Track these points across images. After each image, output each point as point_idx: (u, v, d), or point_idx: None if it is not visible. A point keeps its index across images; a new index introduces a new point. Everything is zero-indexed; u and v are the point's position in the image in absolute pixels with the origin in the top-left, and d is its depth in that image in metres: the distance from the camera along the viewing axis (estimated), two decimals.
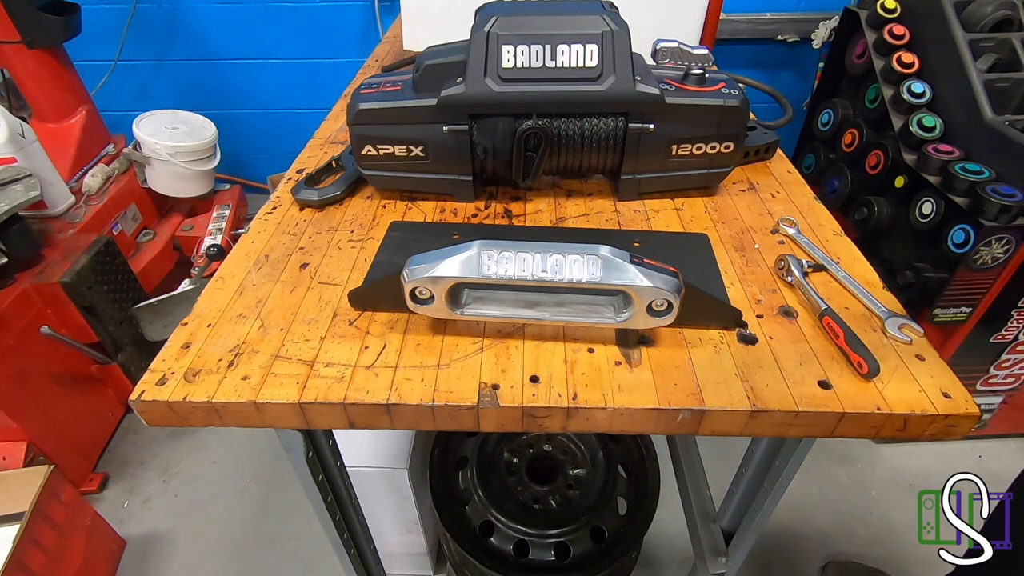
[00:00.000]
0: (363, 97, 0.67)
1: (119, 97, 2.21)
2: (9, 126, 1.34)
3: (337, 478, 0.69)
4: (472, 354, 0.50)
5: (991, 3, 1.30)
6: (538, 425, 0.47)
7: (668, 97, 0.64)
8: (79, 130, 1.69)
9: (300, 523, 1.43)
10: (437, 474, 0.97)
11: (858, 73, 1.56)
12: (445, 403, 0.46)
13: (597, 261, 0.45)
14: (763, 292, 0.57)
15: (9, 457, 1.28)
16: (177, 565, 1.36)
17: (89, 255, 1.37)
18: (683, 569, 1.32)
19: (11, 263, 1.28)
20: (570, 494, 0.95)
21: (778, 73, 2.17)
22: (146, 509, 1.47)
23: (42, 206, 1.46)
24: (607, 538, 0.89)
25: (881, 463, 1.56)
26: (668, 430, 0.48)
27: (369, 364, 0.49)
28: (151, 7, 2.04)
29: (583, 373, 0.49)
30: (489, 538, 0.89)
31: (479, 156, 0.67)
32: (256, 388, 0.47)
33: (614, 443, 1.00)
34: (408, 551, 1.23)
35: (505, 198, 0.74)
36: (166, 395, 0.47)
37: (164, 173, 1.73)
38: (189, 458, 1.59)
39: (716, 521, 0.87)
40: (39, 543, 1.09)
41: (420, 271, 0.46)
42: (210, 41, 2.13)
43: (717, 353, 0.50)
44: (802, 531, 1.40)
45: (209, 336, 0.52)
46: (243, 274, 0.60)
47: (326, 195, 0.72)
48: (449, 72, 0.65)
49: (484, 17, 0.63)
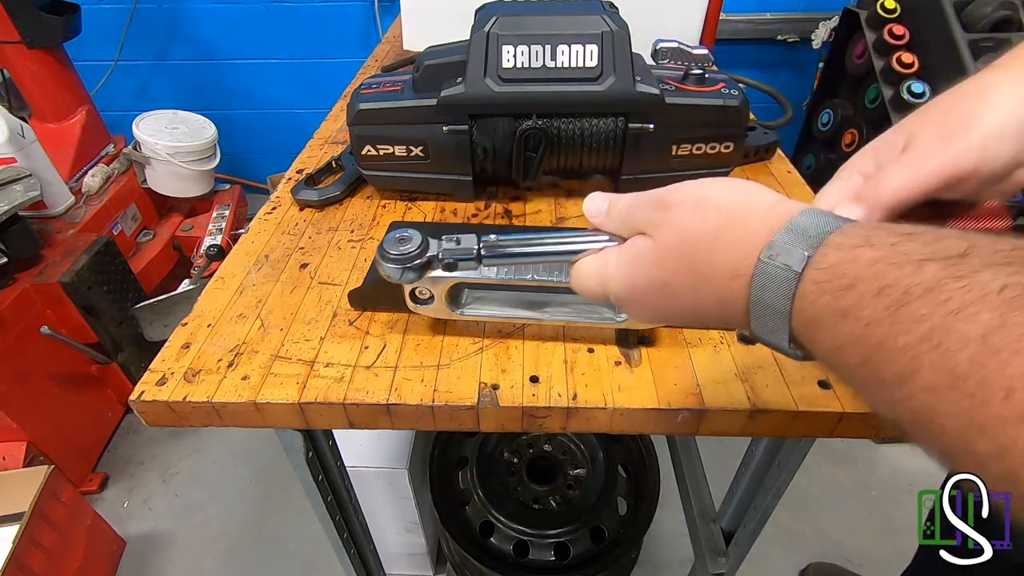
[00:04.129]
0: (363, 97, 0.67)
1: (119, 97, 2.21)
2: (9, 126, 1.34)
3: (337, 478, 0.69)
4: (472, 354, 0.50)
5: (991, 3, 1.30)
6: (538, 425, 0.47)
7: (668, 97, 0.64)
8: (79, 130, 1.69)
9: (300, 523, 1.43)
10: (437, 474, 0.97)
11: (858, 73, 1.56)
12: (445, 403, 0.46)
13: None
14: None
15: (9, 457, 1.28)
16: (177, 565, 1.36)
17: (89, 255, 1.37)
18: (683, 569, 1.32)
19: (11, 263, 1.28)
20: (570, 494, 0.95)
21: (778, 73, 2.17)
22: (146, 509, 1.47)
23: (42, 206, 1.46)
24: (607, 538, 0.89)
25: (881, 463, 1.56)
26: (668, 430, 0.48)
27: (369, 364, 0.49)
28: (151, 7, 2.04)
29: (583, 373, 0.49)
30: (489, 538, 0.89)
31: (479, 156, 0.67)
32: (256, 388, 0.47)
33: (614, 443, 1.00)
34: (408, 551, 1.23)
35: (505, 198, 0.74)
36: (166, 395, 0.47)
37: (164, 173, 1.73)
38: (189, 458, 1.59)
39: (716, 521, 0.87)
40: (39, 543, 1.09)
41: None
42: (210, 41, 2.13)
43: (717, 353, 0.50)
44: (802, 531, 1.40)
45: (209, 336, 0.52)
46: (243, 274, 0.60)
47: (326, 195, 0.72)
48: (449, 72, 0.65)
49: (484, 17, 0.63)
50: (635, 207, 0.33)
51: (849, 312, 0.23)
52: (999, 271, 0.19)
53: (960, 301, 0.19)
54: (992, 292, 0.19)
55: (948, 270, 0.20)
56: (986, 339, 0.18)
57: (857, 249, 0.24)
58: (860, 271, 0.23)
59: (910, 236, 0.23)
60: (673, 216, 0.30)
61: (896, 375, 0.21)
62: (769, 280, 0.26)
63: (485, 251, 0.34)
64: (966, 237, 0.22)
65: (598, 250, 0.33)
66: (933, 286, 0.20)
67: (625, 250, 0.33)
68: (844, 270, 0.24)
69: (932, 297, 0.20)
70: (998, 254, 0.20)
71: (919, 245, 0.22)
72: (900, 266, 0.22)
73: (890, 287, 0.22)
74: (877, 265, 0.23)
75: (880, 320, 0.22)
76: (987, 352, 0.18)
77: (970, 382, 0.18)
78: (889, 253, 0.23)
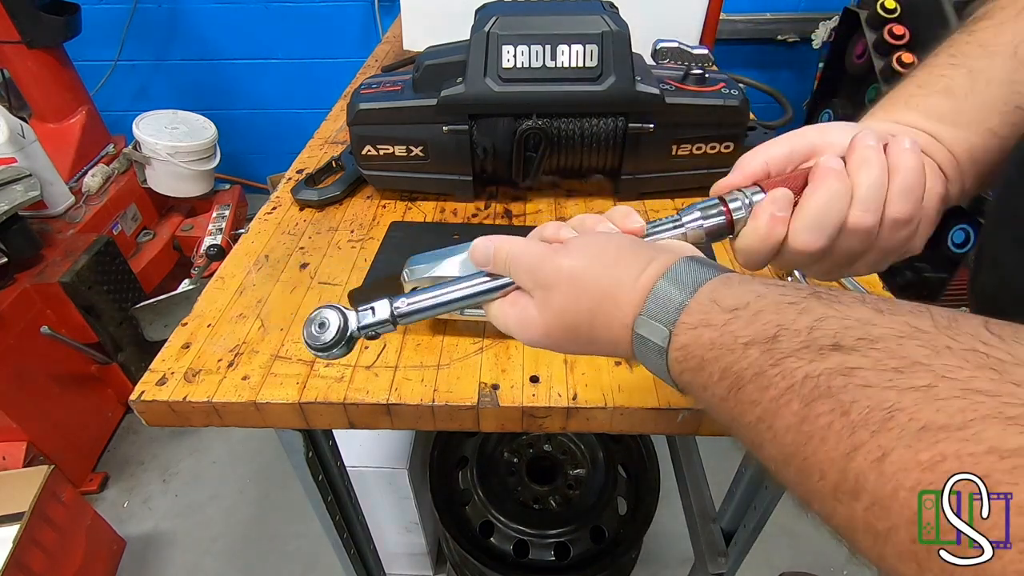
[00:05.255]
0: (363, 97, 0.67)
1: (119, 97, 2.21)
2: (9, 126, 1.34)
3: (337, 478, 0.69)
4: (472, 354, 0.50)
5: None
6: (538, 425, 0.47)
7: (668, 97, 0.64)
8: (79, 130, 1.69)
9: (300, 523, 1.43)
10: (437, 474, 0.97)
11: (858, 73, 1.56)
12: (445, 403, 0.46)
13: None
14: None
15: (9, 457, 1.28)
16: (177, 565, 1.36)
17: (89, 255, 1.37)
18: (683, 569, 1.32)
19: (11, 263, 1.28)
20: (570, 494, 0.95)
21: (778, 73, 2.17)
22: (146, 509, 1.47)
23: (42, 206, 1.46)
24: (607, 538, 0.89)
25: None
26: (668, 430, 0.48)
27: (369, 364, 0.49)
28: (151, 7, 2.04)
29: (583, 373, 0.49)
30: (489, 538, 0.89)
31: (479, 156, 0.67)
32: (256, 388, 0.47)
33: (614, 443, 1.00)
34: (408, 551, 1.23)
35: (505, 198, 0.74)
36: (166, 395, 0.47)
37: (164, 173, 1.73)
38: (189, 458, 1.59)
39: (716, 521, 0.87)
40: (39, 543, 1.09)
41: (420, 271, 0.46)
42: (210, 41, 2.13)
43: None
44: (802, 531, 1.40)
45: (209, 336, 0.52)
46: (243, 274, 0.60)
47: (326, 195, 0.72)
48: (449, 72, 0.65)
49: (484, 17, 0.63)
50: (517, 268, 0.34)
51: (707, 387, 0.26)
52: (800, 357, 0.22)
53: (778, 388, 0.22)
54: (797, 381, 0.22)
55: (765, 355, 0.23)
56: (800, 427, 0.21)
57: (698, 330, 0.27)
58: (704, 354, 0.26)
59: (735, 314, 0.25)
60: (552, 298, 0.32)
61: (750, 443, 0.25)
62: (644, 353, 0.29)
63: (399, 316, 0.35)
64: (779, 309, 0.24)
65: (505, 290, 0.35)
66: (758, 371, 0.23)
67: (519, 310, 0.34)
68: (692, 352, 0.27)
69: (759, 382, 0.23)
70: (800, 335, 0.23)
71: (742, 325, 0.25)
72: (731, 350, 0.25)
73: (727, 371, 0.25)
74: (713, 350, 0.26)
75: (726, 398, 0.25)
76: (803, 438, 0.21)
77: (795, 460, 0.22)
78: (721, 335, 0.25)
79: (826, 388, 0.21)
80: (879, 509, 0.18)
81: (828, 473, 0.20)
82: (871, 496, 0.18)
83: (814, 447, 0.21)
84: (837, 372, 0.21)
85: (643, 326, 0.29)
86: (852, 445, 0.19)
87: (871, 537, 0.19)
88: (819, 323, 0.23)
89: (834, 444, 0.20)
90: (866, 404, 0.19)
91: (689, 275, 0.29)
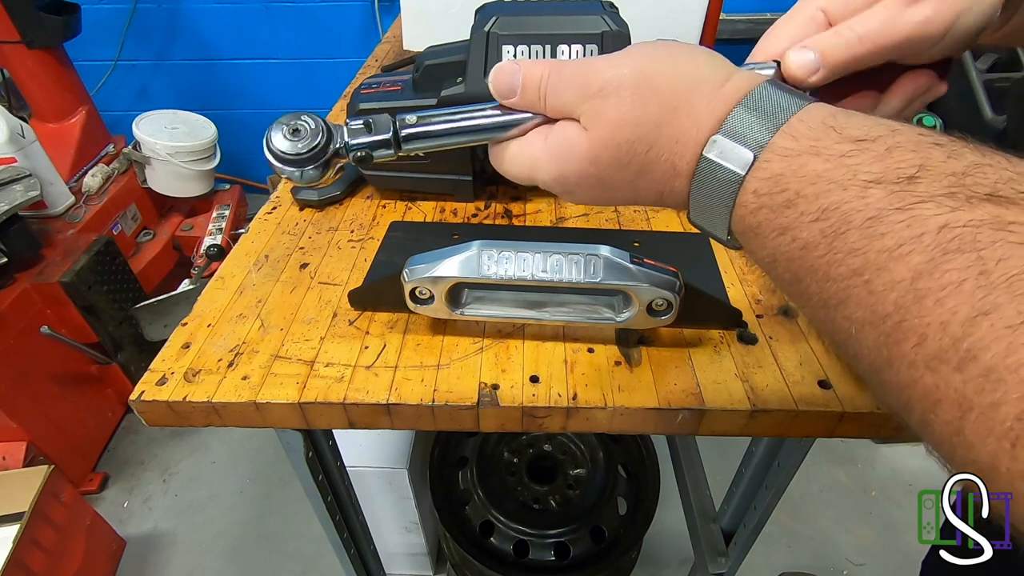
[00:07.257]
0: (363, 97, 0.67)
1: (119, 97, 2.21)
2: (9, 126, 1.34)
3: (337, 478, 0.69)
4: (472, 354, 0.50)
5: None
6: (538, 425, 0.47)
7: None
8: (79, 130, 1.69)
9: (300, 523, 1.43)
10: (437, 474, 0.97)
11: None
12: (445, 403, 0.46)
13: (597, 261, 0.45)
14: (763, 292, 0.57)
15: (9, 457, 1.28)
16: (177, 565, 1.36)
17: (89, 255, 1.37)
18: (683, 569, 1.33)
19: (11, 263, 1.28)
20: (570, 494, 0.95)
21: None
22: (146, 509, 1.47)
23: (42, 206, 1.46)
24: (607, 538, 0.89)
25: (881, 463, 1.56)
26: (668, 430, 0.48)
27: (369, 364, 0.49)
28: (151, 7, 2.04)
29: (583, 373, 0.49)
30: (489, 538, 0.89)
31: (479, 156, 0.67)
32: (256, 388, 0.47)
33: (614, 443, 1.00)
34: (408, 551, 1.23)
35: (505, 198, 0.74)
36: (166, 395, 0.47)
37: (164, 173, 1.73)
38: (189, 458, 1.59)
39: (716, 521, 0.87)
40: (39, 543, 1.09)
41: (420, 271, 0.46)
42: (210, 41, 2.13)
43: (717, 353, 0.50)
44: (802, 531, 1.40)
45: (209, 336, 0.52)
46: (243, 274, 0.60)
47: (326, 195, 0.72)
48: (449, 72, 0.64)
49: (484, 17, 0.63)
50: (557, 86, 0.28)
51: (787, 230, 0.22)
52: (943, 204, 0.18)
53: (897, 237, 0.19)
54: (931, 231, 0.18)
55: (892, 197, 0.19)
56: (914, 283, 0.18)
57: (802, 158, 0.22)
58: (803, 188, 0.22)
59: (860, 146, 0.21)
60: (609, 107, 0.26)
61: (823, 300, 0.21)
62: (710, 183, 0.25)
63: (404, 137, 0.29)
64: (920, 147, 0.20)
65: (527, 126, 0.29)
66: (874, 215, 0.20)
67: (555, 137, 0.29)
68: (786, 184, 0.22)
69: (871, 229, 0.20)
70: (948, 179, 0.19)
71: (869, 159, 0.21)
72: (844, 187, 0.21)
73: (830, 211, 0.21)
74: (819, 183, 0.21)
75: (816, 244, 0.21)
76: (912, 297, 0.18)
77: (889, 322, 0.19)
78: (835, 167, 0.21)
79: (970, 241, 0.17)
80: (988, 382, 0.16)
81: (931, 337, 0.17)
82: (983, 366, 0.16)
83: (926, 307, 0.18)
84: (988, 224, 0.17)
85: (716, 147, 0.24)
86: (980, 308, 0.16)
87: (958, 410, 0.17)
88: (974, 169, 0.19)
89: (954, 305, 0.17)
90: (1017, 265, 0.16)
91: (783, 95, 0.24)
